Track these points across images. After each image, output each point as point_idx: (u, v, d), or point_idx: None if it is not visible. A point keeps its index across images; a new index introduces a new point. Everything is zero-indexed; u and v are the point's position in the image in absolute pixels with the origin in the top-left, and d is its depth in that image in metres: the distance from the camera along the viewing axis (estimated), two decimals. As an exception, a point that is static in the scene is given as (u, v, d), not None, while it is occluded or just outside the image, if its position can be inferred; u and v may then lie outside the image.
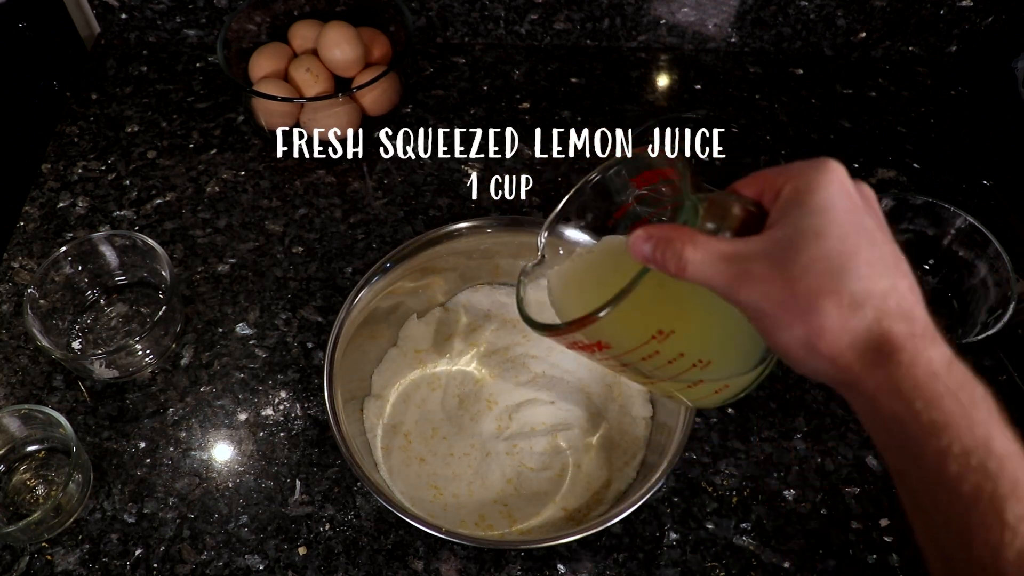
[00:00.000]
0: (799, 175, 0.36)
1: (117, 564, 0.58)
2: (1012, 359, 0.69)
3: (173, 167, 0.81)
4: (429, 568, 0.58)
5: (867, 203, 0.37)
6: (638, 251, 0.36)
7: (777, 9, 0.89)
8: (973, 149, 0.86)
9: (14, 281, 0.72)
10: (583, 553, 0.59)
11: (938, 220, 0.70)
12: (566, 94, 0.88)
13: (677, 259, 0.35)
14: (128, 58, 0.90)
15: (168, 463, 0.63)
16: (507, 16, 0.90)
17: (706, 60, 0.93)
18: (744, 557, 0.59)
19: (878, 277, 0.34)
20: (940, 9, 0.89)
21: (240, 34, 0.81)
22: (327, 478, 0.62)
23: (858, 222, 0.35)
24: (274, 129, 0.79)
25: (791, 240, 0.35)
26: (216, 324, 0.70)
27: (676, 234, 0.36)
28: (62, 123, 0.84)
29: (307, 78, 0.79)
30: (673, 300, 0.38)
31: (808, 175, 0.36)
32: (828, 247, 0.34)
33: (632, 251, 0.37)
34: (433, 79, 0.89)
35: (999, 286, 0.65)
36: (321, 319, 0.70)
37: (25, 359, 0.67)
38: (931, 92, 0.91)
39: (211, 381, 0.67)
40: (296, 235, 0.76)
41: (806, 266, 0.34)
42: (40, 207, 0.77)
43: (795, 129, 0.86)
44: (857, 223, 0.35)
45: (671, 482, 0.62)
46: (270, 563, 0.58)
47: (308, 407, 0.66)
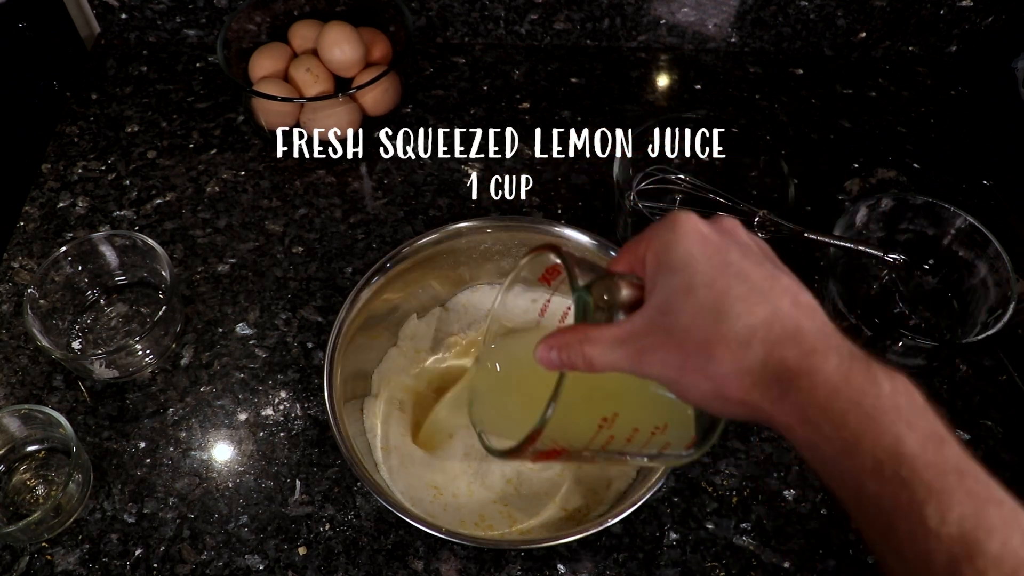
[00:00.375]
0: (654, 239, 0.38)
1: (117, 564, 0.58)
2: (1012, 359, 0.69)
3: (173, 167, 0.81)
4: (429, 568, 0.58)
5: (727, 236, 0.37)
6: (547, 362, 0.38)
7: (777, 9, 0.89)
8: (973, 149, 0.86)
9: (14, 281, 0.72)
10: (583, 553, 0.59)
11: (938, 220, 0.70)
12: (566, 94, 0.88)
13: (581, 358, 0.37)
14: (128, 58, 0.90)
15: (168, 463, 0.63)
16: (507, 16, 0.90)
17: (706, 60, 0.93)
18: (744, 557, 0.59)
19: (755, 308, 0.34)
20: (940, 9, 0.89)
21: (240, 34, 0.81)
22: (327, 478, 0.62)
23: (721, 262, 0.36)
24: (274, 129, 0.79)
25: (667, 304, 0.36)
26: (216, 324, 0.70)
27: (572, 336, 0.37)
28: (62, 123, 0.84)
29: (307, 78, 0.79)
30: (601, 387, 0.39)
31: (662, 236, 0.37)
32: (699, 298, 0.35)
33: (542, 363, 0.38)
34: (433, 79, 0.89)
35: (999, 286, 0.65)
36: (321, 319, 0.70)
37: (25, 359, 0.67)
38: (931, 92, 0.91)
39: (211, 381, 0.67)
40: (296, 235, 0.76)
41: (686, 325, 0.35)
42: (40, 207, 0.77)
43: (795, 129, 0.86)
44: (720, 264, 0.35)
45: (671, 482, 0.62)
46: (270, 563, 0.58)
47: (308, 407, 0.66)
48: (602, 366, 0.37)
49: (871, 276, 0.73)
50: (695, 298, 0.35)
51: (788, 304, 0.35)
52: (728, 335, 0.34)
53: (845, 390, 0.32)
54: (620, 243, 0.66)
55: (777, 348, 0.33)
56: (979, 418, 0.66)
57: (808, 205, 0.79)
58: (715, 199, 0.73)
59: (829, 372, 0.33)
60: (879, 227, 0.71)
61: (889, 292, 0.72)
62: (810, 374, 0.33)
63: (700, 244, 0.36)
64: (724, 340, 0.34)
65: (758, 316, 0.34)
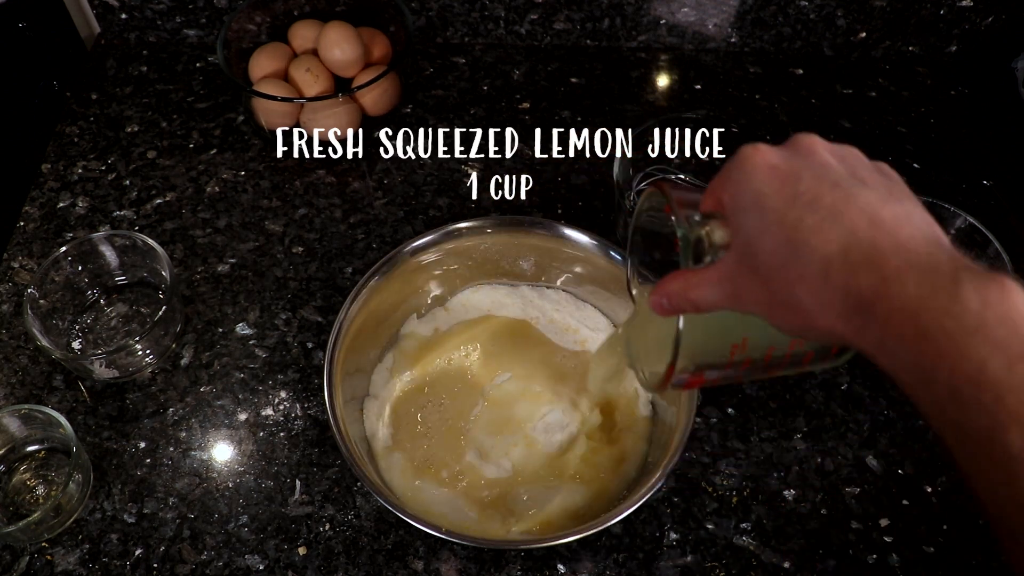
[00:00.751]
0: (728, 180, 0.37)
1: (117, 564, 0.58)
2: (1012, 359, 0.69)
3: (173, 167, 0.81)
4: (429, 568, 0.58)
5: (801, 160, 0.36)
6: (660, 310, 0.40)
7: (777, 9, 0.89)
8: (973, 149, 0.86)
9: (14, 281, 0.72)
10: (583, 553, 0.59)
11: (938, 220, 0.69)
12: (566, 94, 0.88)
13: (687, 302, 0.38)
14: (128, 58, 0.90)
15: (168, 463, 0.63)
16: (507, 16, 0.90)
17: (706, 60, 0.93)
18: (744, 557, 0.59)
19: (829, 237, 0.33)
20: (940, 9, 0.89)
21: (240, 34, 0.81)
22: (327, 478, 0.62)
23: (791, 194, 0.34)
24: (274, 129, 0.79)
25: (747, 245, 0.36)
26: (216, 324, 0.70)
27: (675, 284, 0.39)
28: (62, 123, 0.84)
29: (307, 78, 0.79)
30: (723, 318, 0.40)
31: (732, 176, 0.37)
32: (774, 237, 0.34)
33: (657, 311, 0.40)
34: (433, 79, 0.89)
35: (999, 286, 0.65)
36: (321, 319, 0.70)
37: (25, 359, 0.67)
38: (931, 92, 0.91)
39: (211, 381, 0.67)
40: (296, 235, 0.76)
41: (768, 264, 0.35)
42: (40, 207, 0.77)
43: (795, 129, 0.86)
44: (790, 196, 0.34)
45: (671, 482, 0.62)
46: (270, 563, 0.58)
47: (308, 407, 0.66)
48: (707, 307, 0.38)
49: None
50: (770, 237, 0.34)
51: (865, 224, 0.33)
52: (806, 270, 0.33)
53: (924, 314, 0.30)
54: (620, 243, 0.66)
55: (854, 277, 0.32)
56: (979, 418, 0.66)
57: (808, 205, 0.79)
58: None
59: (907, 296, 0.31)
60: (879, 227, 0.71)
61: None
62: (887, 299, 0.31)
63: (769, 178, 0.35)
64: (802, 276, 0.33)
65: (833, 245, 0.33)
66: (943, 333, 0.30)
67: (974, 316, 0.29)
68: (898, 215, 0.33)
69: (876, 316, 0.32)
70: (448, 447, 0.63)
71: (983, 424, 0.29)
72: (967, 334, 0.29)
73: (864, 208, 0.33)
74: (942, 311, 0.30)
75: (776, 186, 0.35)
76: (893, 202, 0.34)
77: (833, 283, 0.33)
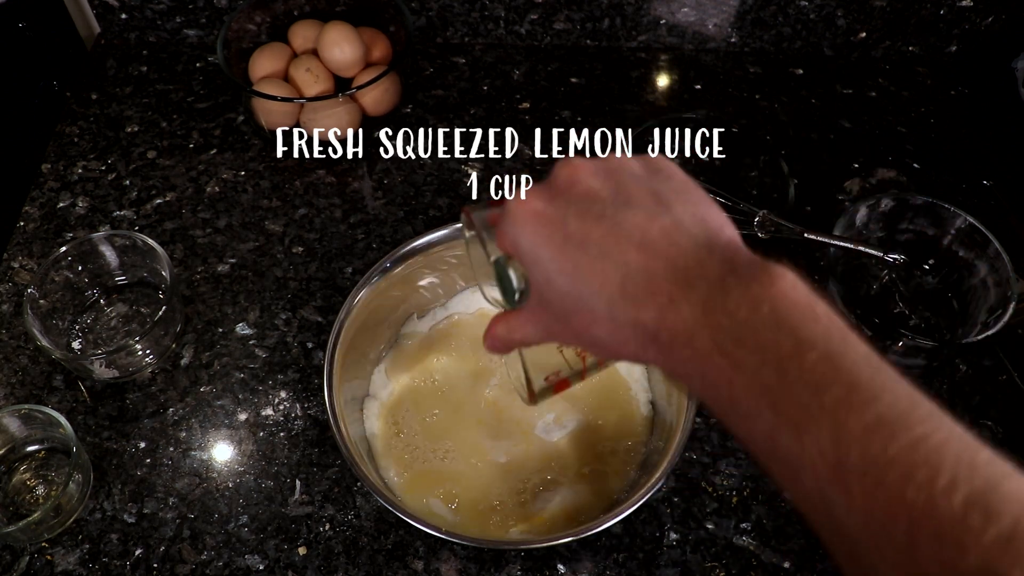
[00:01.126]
0: (503, 232, 0.37)
1: (117, 564, 0.58)
2: (1012, 359, 0.69)
3: (173, 167, 0.81)
4: (429, 568, 0.58)
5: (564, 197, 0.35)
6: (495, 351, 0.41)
7: (777, 9, 0.89)
8: (973, 149, 0.86)
9: (14, 281, 0.72)
10: (583, 553, 0.59)
11: (938, 220, 0.70)
12: (566, 94, 0.88)
13: (516, 343, 0.40)
14: (128, 58, 0.90)
15: (168, 463, 0.63)
16: (507, 16, 0.90)
17: (706, 60, 0.93)
18: (744, 557, 0.59)
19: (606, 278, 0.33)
20: (940, 9, 0.89)
21: (240, 34, 0.81)
22: (327, 478, 0.62)
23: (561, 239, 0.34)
24: (274, 129, 0.79)
25: (540, 295, 0.37)
26: (216, 324, 0.70)
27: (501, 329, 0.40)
28: (62, 123, 0.84)
29: (307, 78, 0.79)
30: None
31: (506, 229, 0.37)
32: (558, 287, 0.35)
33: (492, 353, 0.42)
34: (433, 79, 0.89)
35: (999, 286, 0.65)
36: (321, 319, 0.70)
37: (25, 359, 0.67)
38: (931, 92, 0.91)
39: (211, 381, 0.67)
40: (296, 235, 0.76)
41: (563, 310, 0.36)
42: (40, 207, 0.77)
43: (795, 129, 0.86)
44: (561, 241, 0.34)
45: (671, 482, 0.62)
46: (270, 563, 0.58)
47: (308, 407, 0.66)
48: (534, 343, 0.40)
49: (871, 276, 0.73)
50: (555, 286, 0.35)
51: (635, 252, 0.33)
52: (596, 313, 0.33)
53: (698, 336, 0.30)
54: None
55: (637, 311, 0.32)
56: (979, 418, 0.66)
57: (808, 205, 0.79)
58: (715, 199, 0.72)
59: (683, 321, 0.31)
60: (879, 227, 0.71)
61: (889, 292, 0.72)
62: (666, 328, 0.31)
63: (537, 228, 0.35)
64: (595, 319, 0.34)
65: (612, 284, 0.33)
66: (718, 351, 0.30)
67: (743, 326, 0.29)
68: (667, 229, 0.33)
69: (663, 344, 0.32)
70: (449, 446, 0.63)
71: (765, 431, 0.29)
72: (739, 346, 0.29)
73: (632, 233, 0.33)
74: (715, 327, 0.30)
75: (546, 234, 0.35)
76: (661, 214, 0.34)
77: (621, 320, 0.33)
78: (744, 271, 0.31)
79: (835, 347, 0.28)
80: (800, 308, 0.29)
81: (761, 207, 0.70)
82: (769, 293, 0.30)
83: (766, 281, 0.30)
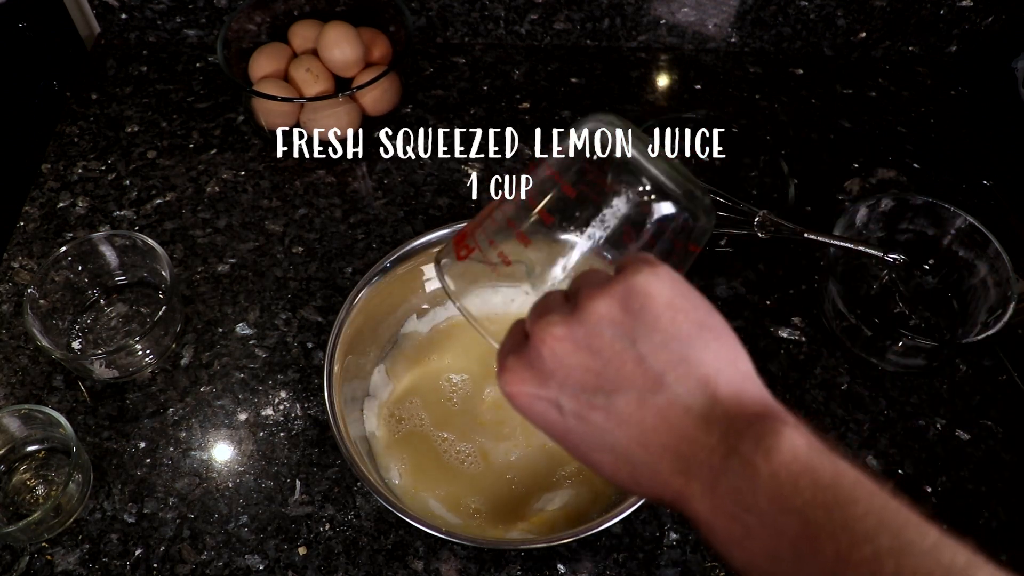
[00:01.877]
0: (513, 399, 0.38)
1: (117, 564, 0.58)
2: (1012, 359, 0.69)
3: (173, 167, 0.81)
4: (429, 568, 0.58)
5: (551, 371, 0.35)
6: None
7: (777, 9, 0.89)
8: (973, 149, 0.86)
9: (14, 281, 0.72)
10: (583, 553, 0.59)
11: (938, 220, 0.70)
12: (566, 94, 0.88)
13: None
14: (128, 58, 0.90)
15: (168, 463, 0.63)
16: (507, 16, 0.90)
17: (706, 60, 0.93)
18: (744, 557, 0.59)
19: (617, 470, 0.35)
20: (940, 9, 0.89)
21: (240, 34, 0.81)
22: (327, 478, 0.62)
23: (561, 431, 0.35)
24: (274, 129, 0.79)
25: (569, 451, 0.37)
26: (216, 324, 0.70)
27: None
28: (62, 123, 0.84)
29: (307, 78, 0.79)
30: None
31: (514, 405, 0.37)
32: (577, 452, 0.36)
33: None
34: (433, 79, 0.89)
35: (999, 286, 0.65)
36: (321, 319, 0.70)
37: (25, 359, 0.67)
38: (931, 92, 0.91)
39: (211, 381, 0.67)
40: (296, 235, 0.76)
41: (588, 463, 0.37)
42: (40, 207, 0.77)
43: (795, 129, 0.86)
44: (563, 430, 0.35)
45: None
46: (270, 563, 0.58)
47: (308, 407, 0.66)
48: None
49: (871, 276, 0.73)
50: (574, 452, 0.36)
51: (637, 449, 0.33)
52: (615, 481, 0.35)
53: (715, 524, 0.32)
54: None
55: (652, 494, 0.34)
56: (979, 418, 0.66)
57: (808, 205, 0.79)
58: (715, 199, 0.73)
59: (695, 513, 0.32)
60: (879, 227, 0.71)
61: (889, 292, 0.72)
62: (685, 513, 0.33)
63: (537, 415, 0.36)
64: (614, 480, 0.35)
65: (623, 471, 0.34)
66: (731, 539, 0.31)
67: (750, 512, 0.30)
68: (662, 411, 0.33)
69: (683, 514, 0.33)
70: (449, 446, 0.63)
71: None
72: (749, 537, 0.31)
73: (629, 426, 0.33)
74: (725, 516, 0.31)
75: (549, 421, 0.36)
76: (653, 393, 0.33)
77: (637, 492, 0.35)
78: (744, 444, 0.31)
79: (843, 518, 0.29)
80: (802, 480, 0.30)
81: (761, 207, 0.70)
82: (769, 470, 0.30)
83: (764, 454, 0.31)
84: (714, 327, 0.34)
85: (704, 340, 0.34)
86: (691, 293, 0.35)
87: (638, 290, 0.34)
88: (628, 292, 0.34)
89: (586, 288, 0.35)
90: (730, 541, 0.31)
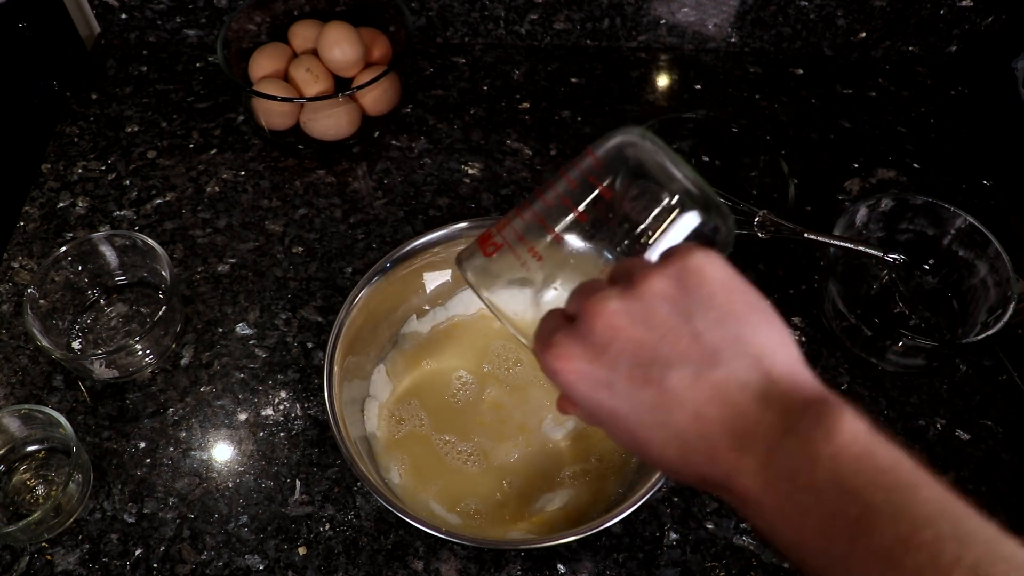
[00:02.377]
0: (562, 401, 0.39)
1: (117, 564, 0.58)
2: (1012, 359, 0.69)
3: (173, 167, 0.81)
4: (429, 568, 0.58)
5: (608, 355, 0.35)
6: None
7: (777, 9, 0.89)
8: (973, 149, 0.86)
9: (14, 281, 0.72)
10: (583, 553, 0.59)
11: (938, 220, 0.70)
12: (566, 94, 0.88)
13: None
14: (128, 58, 0.90)
15: (168, 463, 0.63)
16: (507, 16, 0.90)
17: (706, 60, 0.93)
18: (744, 557, 0.59)
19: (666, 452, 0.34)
20: (940, 9, 0.89)
21: (240, 34, 0.81)
22: (327, 478, 0.62)
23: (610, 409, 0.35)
24: (274, 129, 0.79)
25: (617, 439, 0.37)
26: (216, 324, 0.70)
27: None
28: (62, 123, 0.84)
29: (307, 78, 0.79)
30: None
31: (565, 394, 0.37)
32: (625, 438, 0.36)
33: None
34: (433, 79, 0.89)
35: (999, 286, 0.65)
36: (321, 319, 0.70)
37: (25, 359, 0.67)
38: (931, 92, 0.91)
39: (211, 381, 0.67)
40: (296, 235, 0.76)
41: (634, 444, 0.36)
42: (40, 207, 0.77)
43: (795, 129, 0.86)
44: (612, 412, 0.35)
45: (671, 482, 0.62)
46: (270, 563, 0.58)
47: (308, 407, 0.66)
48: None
49: (871, 276, 0.73)
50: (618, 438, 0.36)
51: (690, 421, 0.33)
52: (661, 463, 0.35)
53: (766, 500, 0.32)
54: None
55: (701, 472, 0.34)
56: (979, 418, 0.66)
57: (808, 205, 0.79)
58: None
59: (748, 490, 0.32)
60: (879, 227, 0.71)
61: (889, 292, 0.72)
62: (735, 491, 0.33)
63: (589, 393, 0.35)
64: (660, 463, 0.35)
65: (672, 448, 0.34)
66: (783, 518, 0.31)
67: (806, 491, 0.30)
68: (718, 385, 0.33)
69: (730, 496, 0.33)
70: (449, 446, 0.63)
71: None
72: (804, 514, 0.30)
73: (683, 399, 0.33)
74: (778, 493, 0.31)
75: (599, 400, 0.35)
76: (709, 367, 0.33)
77: (685, 473, 0.35)
78: (803, 423, 0.31)
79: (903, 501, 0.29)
80: (862, 463, 0.30)
81: (761, 207, 0.70)
82: (829, 450, 0.30)
83: (824, 434, 0.30)
84: (765, 310, 0.35)
85: (757, 321, 0.34)
86: (742, 278, 0.35)
87: (694, 268, 0.34)
88: (684, 270, 0.34)
89: (640, 268, 0.35)
90: (781, 519, 0.31)
